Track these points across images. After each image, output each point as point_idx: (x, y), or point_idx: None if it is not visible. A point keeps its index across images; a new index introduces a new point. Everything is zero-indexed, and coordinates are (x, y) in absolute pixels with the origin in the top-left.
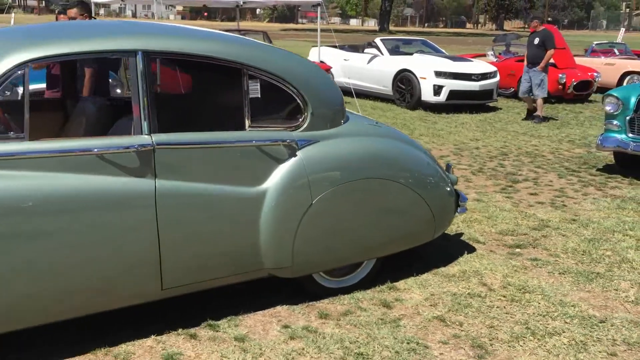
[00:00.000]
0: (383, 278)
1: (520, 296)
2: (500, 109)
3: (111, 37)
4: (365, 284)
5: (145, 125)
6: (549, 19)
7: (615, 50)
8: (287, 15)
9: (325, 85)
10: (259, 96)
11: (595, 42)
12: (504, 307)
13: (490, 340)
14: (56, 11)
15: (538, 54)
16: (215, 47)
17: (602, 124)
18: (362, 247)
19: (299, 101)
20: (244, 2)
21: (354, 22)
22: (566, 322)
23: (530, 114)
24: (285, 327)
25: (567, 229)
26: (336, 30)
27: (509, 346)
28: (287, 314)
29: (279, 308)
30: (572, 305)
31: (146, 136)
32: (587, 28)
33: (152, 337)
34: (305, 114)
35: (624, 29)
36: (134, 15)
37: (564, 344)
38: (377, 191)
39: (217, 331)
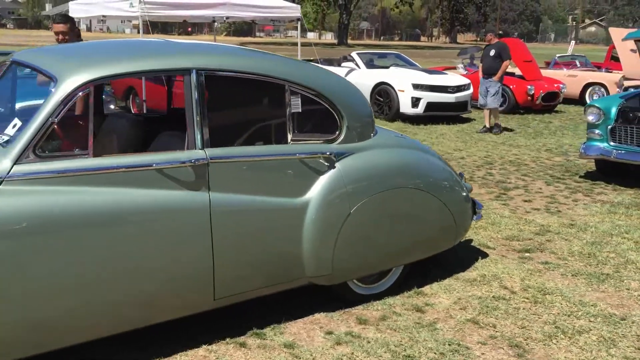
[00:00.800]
0: (409, 284)
1: (542, 298)
2: (474, 119)
3: (167, 56)
4: (393, 290)
5: (199, 140)
6: (500, 32)
7: (577, 63)
8: (245, 28)
9: (358, 99)
10: (300, 111)
11: (557, 55)
12: (529, 308)
13: (525, 339)
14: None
15: (494, 65)
16: (262, 65)
17: (573, 133)
18: (394, 254)
19: (335, 115)
20: (227, 18)
21: (310, 36)
22: (590, 321)
23: (493, 126)
24: (329, 333)
25: (568, 233)
26: (294, 44)
27: (544, 344)
28: (326, 321)
29: (317, 315)
30: (592, 305)
31: (200, 151)
32: (536, 41)
33: (203, 346)
34: (341, 127)
35: (574, 42)
36: (89, 29)
37: (594, 341)
38: (406, 200)
39: (265, 339)
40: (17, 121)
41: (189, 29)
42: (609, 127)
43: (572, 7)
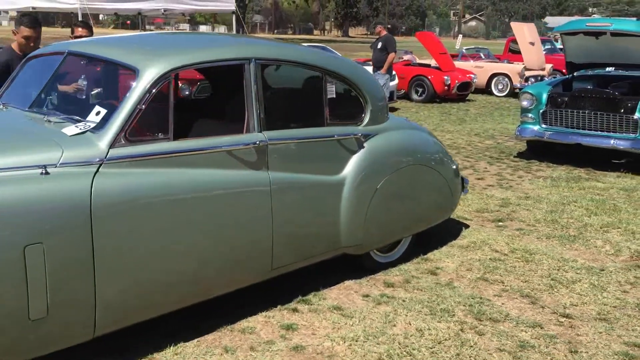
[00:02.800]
0: (416, 253)
1: (530, 257)
2: (399, 109)
3: (230, 47)
4: (404, 259)
5: (256, 124)
6: (389, 25)
7: (482, 55)
8: (134, 21)
9: (376, 85)
10: (334, 96)
11: (464, 48)
12: (524, 266)
13: (532, 290)
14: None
15: (381, 57)
16: (304, 55)
17: (492, 119)
18: (408, 224)
19: (361, 100)
20: (165, 10)
21: (203, 29)
22: (577, 273)
23: None
24: (366, 296)
25: (526, 204)
26: None
27: (549, 293)
28: (358, 287)
29: (348, 282)
30: (573, 261)
31: (259, 134)
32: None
33: (261, 314)
34: (366, 111)
35: (461, 35)
36: None
37: (587, 288)
38: (416, 175)
39: (312, 304)
40: (99, 108)
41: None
42: (541, 111)
43: (453, 2)
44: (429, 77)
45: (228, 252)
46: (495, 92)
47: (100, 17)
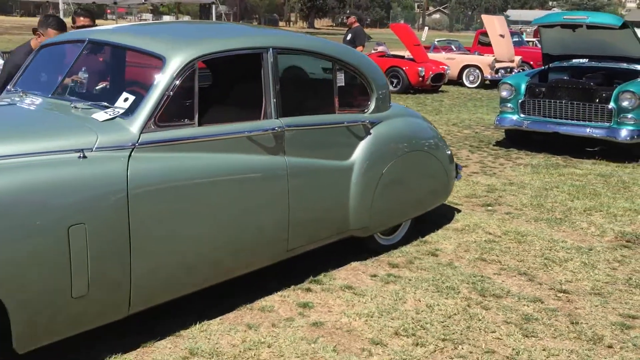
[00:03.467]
0: (414, 236)
1: (522, 239)
2: None
3: (251, 37)
4: (404, 241)
5: (273, 110)
6: (356, 24)
7: (453, 47)
8: (95, 10)
9: (380, 74)
10: (343, 84)
11: (436, 40)
12: (517, 247)
13: (528, 269)
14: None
15: None
16: (317, 44)
17: (466, 109)
18: (409, 208)
19: (368, 88)
20: (145, 1)
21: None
22: (568, 252)
23: None
24: (373, 275)
25: (511, 190)
26: None
27: (544, 271)
28: (364, 268)
29: (354, 264)
30: (562, 241)
31: (277, 120)
32: (387, 27)
33: (276, 294)
34: (372, 98)
35: (427, 28)
36: None
37: (579, 266)
38: (418, 161)
39: (324, 284)
40: (126, 95)
41: (33, 11)
42: (519, 101)
43: None
44: (404, 69)
45: (249, 233)
46: (466, 83)
47: (61, 6)
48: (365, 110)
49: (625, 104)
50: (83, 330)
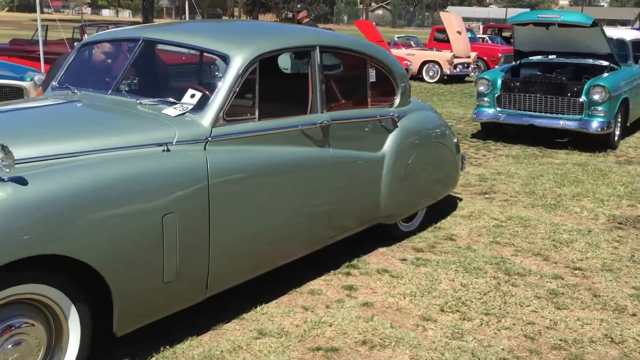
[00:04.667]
0: (428, 223)
1: (526, 223)
2: None
3: (301, 36)
4: (421, 228)
5: (319, 105)
6: (306, 19)
7: (412, 43)
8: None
9: (403, 70)
10: (375, 80)
11: (396, 36)
12: (524, 230)
13: (540, 249)
14: None
15: None
16: (354, 43)
17: (433, 104)
18: (428, 196)
19: (394, 84)
20: None
21: (106, 13)
22: (571, 235)
23: None
24: (403, 260)
25: (501, 179)
26: (92, 22)
27: (555, 251)
28: (392, 253)
29: (381, 250)
30: (563, 225)
31: (323, 114)
32: (332, 22)
33: (319, 279)
34: (397, 93)
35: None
36: None
37: (584, 246)
38: (435, 152)
39: (360, 269)
40: (192, 91)
41: None
42: (496, 95)
43: None
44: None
45: (304, 219)
46: (426, 78)
47: None
48: (392, 104)
49: (596, 97)
50: (170, 313)
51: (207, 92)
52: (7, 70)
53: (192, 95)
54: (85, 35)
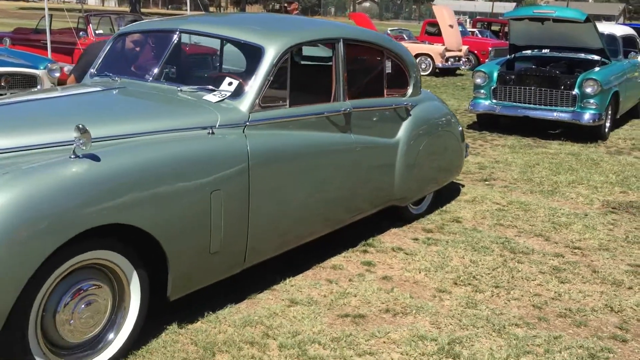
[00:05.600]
0: (435, 207)
1: (527, 207)
2: None
3: (327, 29)
4: (428, 211)
5: (342, 94)
6: (285, 4)
7: (405, 36)
8: None
9: (415, 62)
10: (390, 71)
11: (389, 29)
12: (525, 214)
13: (541, 231)
14: None
15: None
16: (373, 36)
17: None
18: (436, 180)
19: (407, 75)
20: None
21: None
22: (569, 218)
23: None
24: (415, 239)
25: (499, 167)
26: (88, 11)
27: (555, 233)
28: (403, 233)
29: (393, 230)
30: (560, 209)
31: (345, 102)
32: (319, 14)
33: (338, 256)
34: (410, 83)
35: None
36: None
37: (582, 228)
38: (443, 139)
39: (376, 247)
40: (230, 79)
41: None
42: (492, 87)
43: None
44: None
45: (329, 200)
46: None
47: None
48: (405, 94)
49: (588, 90)
50: (214, 281)
51: (242, 81)
52: (22, 58)
53: (230, 83)
54: (91, 24)
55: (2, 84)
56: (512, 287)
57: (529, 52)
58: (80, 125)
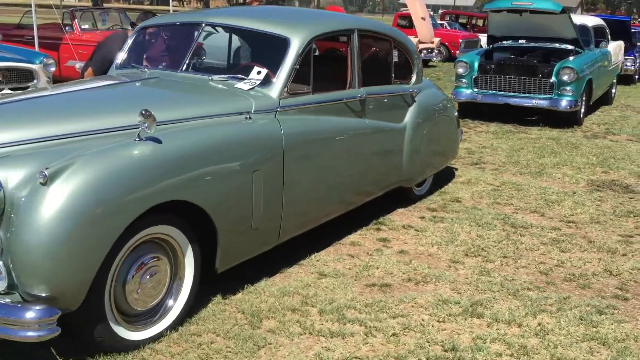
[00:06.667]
0: (435, 188)
1: (518, 187)
2: None
3: (343, 21)
4: (429, 193)
5: (357, 81)
6: (256, 2)
7: None
8: None
9: (416, 51)
10: (397, 60)
11: None
12: (518, 193)
13: (536, 207)
14: None
15: None
16: (382, 27)
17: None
18: (437, 163)
19: (411, 63)
20: None
21: None
22: (559, 196)
23: None
24: (422, 217)
25: (487, 152)
26: (42, 6)
27: (549, 209)
28: (410, 213)
29: (400, 210)
30: (550, 188)
31: (360, 89)
32: None
33: (354, 233)
34: (414, 72)
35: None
36: None
37: (573, 204)
38: (442, 124)
39: (388, 225)
40: (258, 69)
41: None
42: (473, 77)
43: None
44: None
45: (348, 181)
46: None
47: None
48: (410, 81)
49: (565, 78)
50: (254, 255)
51: (270, 70)
52: (17, 54)
53: (258, 72)
54: (76, 19)
55: (0, 78)
56: (518, 256)
57: (506, 42)
58: (144, 111)
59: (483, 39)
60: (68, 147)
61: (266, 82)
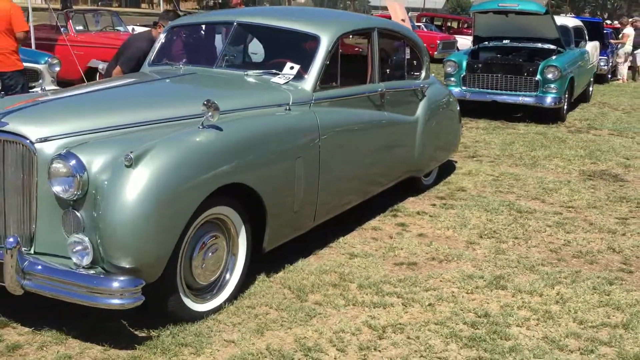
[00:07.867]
0: (439, 179)
1: (516, 177)
2: None
3: (364, 20)
4: (435, 182)
5: (377, 76)
6: (239, 5)
7: None
8: None
9: (425, 48)
10: (409, 57)
11: None
12: (517, 182)
13: (536, 195)
14: None
15: None
16: (396, 26)
17: None
18: (444, 154)
19: (421, 59)
20: None
21: None
22: (556, 185)
23: None
24: (433, 205)
25: (481, 146)
26: (38, 9)
27: (548, 196)
28: (421, 201)
29: (411, 199)
30: (545, 178)
31: (379, 84)
32: None
33: (374, 219)
34: (423, 68)
35: None
36: None
37: (569, 192)
38: (447, 118)
39: (403, 212)
40: (291, 64)
41: None
42: (462, 75)
43: None
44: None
45: (371, 169)
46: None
47: None
48: (420, 77)
49: (549, 76)
50: (294, 236)
51: (302, 65)
52: (23, 54)
53: (291, 67)
54: (71, 20)
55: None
56: (528, 237)
57: (490, 43)
58: (206, 101)
59: (459, 40)
60: (141, 135)
61: (299, 76)
